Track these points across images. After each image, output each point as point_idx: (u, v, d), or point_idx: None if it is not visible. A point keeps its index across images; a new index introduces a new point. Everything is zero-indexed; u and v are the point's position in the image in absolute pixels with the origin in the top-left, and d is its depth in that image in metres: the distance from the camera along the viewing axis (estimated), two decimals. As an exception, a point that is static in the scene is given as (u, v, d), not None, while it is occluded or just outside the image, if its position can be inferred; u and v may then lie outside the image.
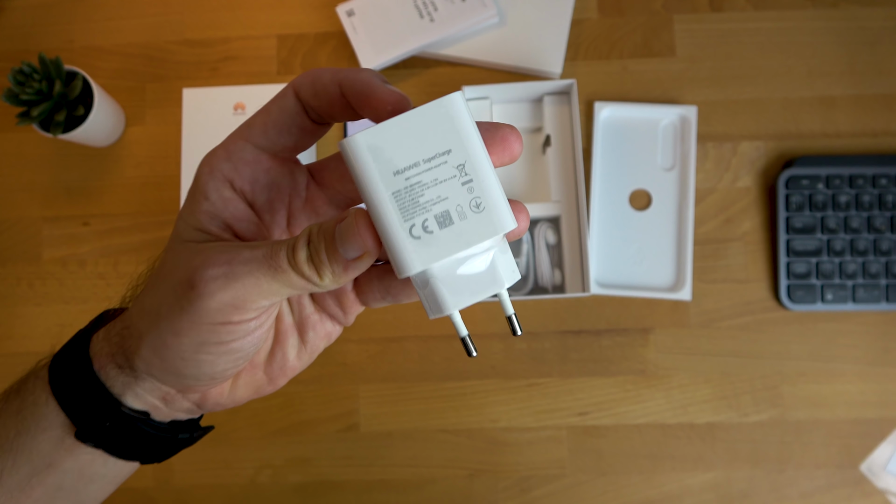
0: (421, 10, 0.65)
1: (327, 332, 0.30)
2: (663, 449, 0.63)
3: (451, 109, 0.21)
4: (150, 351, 0.25)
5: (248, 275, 0.23)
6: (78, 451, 0.28)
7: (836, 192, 0.63)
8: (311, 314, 0.30)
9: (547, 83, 0.62)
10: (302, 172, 0.27)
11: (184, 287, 0.23)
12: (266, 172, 0.26)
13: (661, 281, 0.63)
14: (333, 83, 0.24)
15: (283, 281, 0.23)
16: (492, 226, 0.21)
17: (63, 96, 0.60)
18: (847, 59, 0.66)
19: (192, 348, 0.24)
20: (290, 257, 0.23)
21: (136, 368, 0.26)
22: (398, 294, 0.28)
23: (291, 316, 0.29)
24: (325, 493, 0.63)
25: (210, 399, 0.29)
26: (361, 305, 0.30)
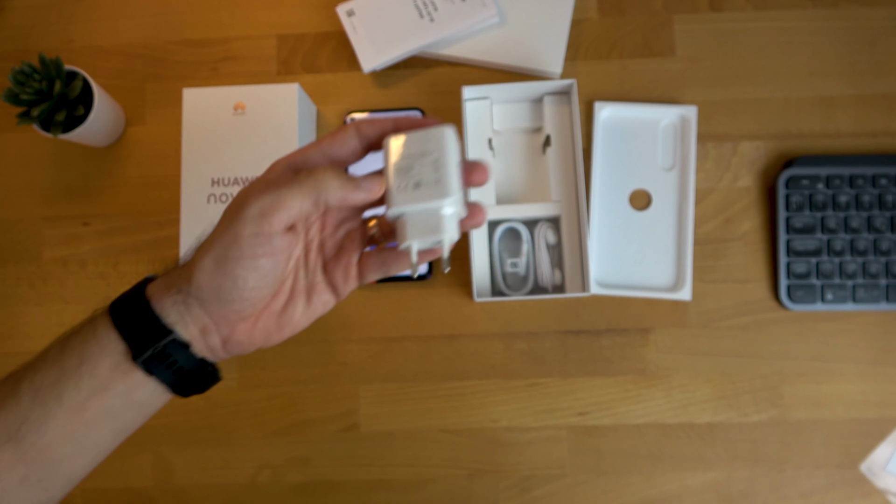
0: (421, 10, 0.65)
1: (326, 301, 0.39)
2: (663, 449, 0.63)
3: (443, 132, 0.36)
4: (204, 274, 0.34)
5: (282, 183, 0.34)
6: (130, 377, 0.35)
7: (836, 192, 0.63)
8: (319, 282, 0.38)
9: (547, 83, 0.62)
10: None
11: (234, 208, 0.34)
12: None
13: (661, 281, 0.63)
14: (393, 128, 0.37)
15: (313, 197, 0.34)
16: (440, 193, 0.35)
17: (63, 96, 0.60)
18: (847, 58, 0.66)
19: (234, 262, 0.33)
20: (320, 176, 0.34)
21: (189, 293, 0.34)
22: (391, 264, 0.39)
23: (305, 279, 0.38)
24: (325, 493, 0.63)
25: (234, 337, 0.37)
26: (358, 281, 0.39)
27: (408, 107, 0.66)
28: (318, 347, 0.64)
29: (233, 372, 0.64)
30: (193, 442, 0.64)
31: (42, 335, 0.65)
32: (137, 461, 0.64)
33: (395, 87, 0.67)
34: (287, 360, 0.64)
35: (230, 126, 0.61)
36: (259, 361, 0.64)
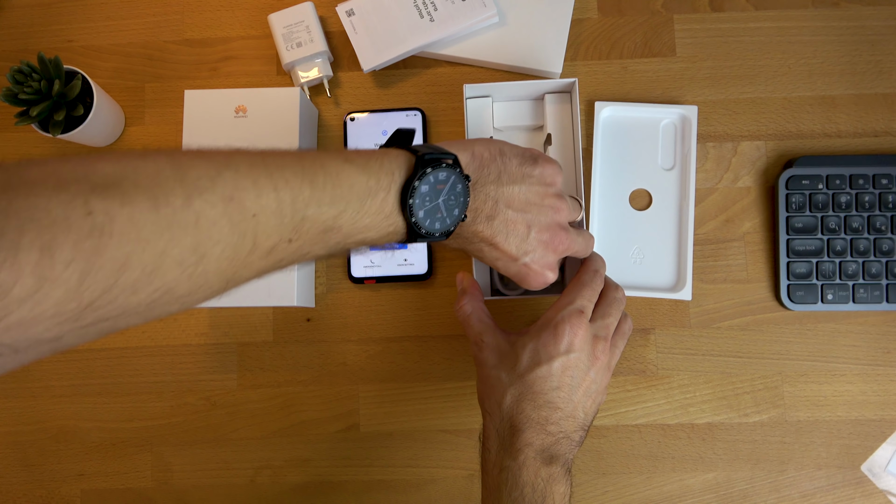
0: (421, 9, 0.64)
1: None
2: (663, 449, 0.63)
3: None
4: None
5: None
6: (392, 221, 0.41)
7: (837, 192, 0.62)
8: None
9: (549, 82, 0.62)
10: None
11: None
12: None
13: (661, 281, 0.63)
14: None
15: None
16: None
17: (62, 96, 0.60)
18: (848, 58, 0.66)
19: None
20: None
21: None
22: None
23: None
24: (325, 493, 0.63)
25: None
26: None
27: (408, 107, 0.66)
28: (317, 348, 0.64)
29: (232, 373, 0.64)
30: (193, 442, 0.64)
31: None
32: (137, 462, 0.64)
33: (394, 87, 0.67)
34: (286, 360, 0.64)
35: (231, 129, 0.61)
36: (259, 362, 0.64)
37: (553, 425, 0.46)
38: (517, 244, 0.45)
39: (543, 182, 0.47)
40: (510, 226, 0.45)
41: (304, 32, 0.65)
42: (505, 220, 0.45)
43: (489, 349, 0.49)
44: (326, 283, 0.65)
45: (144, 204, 0.29)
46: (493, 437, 0.47)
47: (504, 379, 0.47)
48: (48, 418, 0.65)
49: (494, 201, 0.44)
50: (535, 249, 0.46)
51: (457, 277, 0.53)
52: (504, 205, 0.45)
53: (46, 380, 0.65)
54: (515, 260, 0.46)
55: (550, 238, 0.47)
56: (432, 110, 0.66)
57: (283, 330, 0.65)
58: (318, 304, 0.65)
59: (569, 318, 0.47)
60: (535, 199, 0.46)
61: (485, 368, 0.49)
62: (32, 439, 0.65)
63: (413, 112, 0.66)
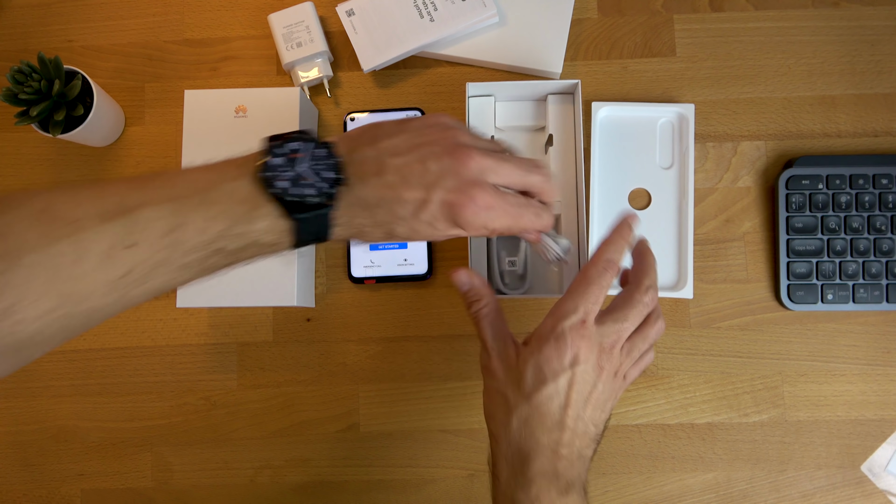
0: (421, 9, 0.64)
1: None
2: (664, 449, 0.63)
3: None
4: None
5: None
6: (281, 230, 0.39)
7: (837, 192, 0.62)
8: None
9: (551, 82, 0.62)
10: None
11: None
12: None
13: (662, 280, 0.63)
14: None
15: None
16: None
17: (62, 96, 0.60)
18: (848, 58, 0.66)
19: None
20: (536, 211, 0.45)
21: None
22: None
23: None
24: (325, 493, 0.63)
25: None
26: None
27: (408, 107, 0.66)
28: (317, 347, 0.64)
29: (232, 373, 0.64)
30: (193, 442, 0.64)
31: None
32: (137, 462, 0.64)
33: (394, 87, 0.67)
34: (286, 360, 0.64)
35: (231, 129, 0.61)
36: (258, 362, 0.64)
37: (565, 447, 0.43)
38: (419, 180, 0.40)
39: (426, 124, 0.42)
40: (404, 170, 0.40)
41: (304, 32, 0.65)
42: (396, 168, 0.40)
43: (498, 358, 0.45)
44: (326, 283, 0.65)
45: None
46: (501, 464, 0.44)
47: (510, 399, 0.43)
48: (48, 418, 0.65)
49: (376, 158, 0.40)
50: (442, 176, 0.40)
51: (456, 275, 0.47)
52: (389, 156, 0.40)
53: (46, 380, 0.65)
54: (427, 200, 0.39)
55: (453, 159, 0.40)
56: (432, 110, 0.66)
57: (283, 330, 0.65)
58: (318, 304, 0.65)
59: (570, 331, 0.43)
60: (422, 139, 0.41)
61: (492, 381, 0.45)
62: (32, 439, 0.65)
63: (413, 112, 0.66)
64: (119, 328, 0.65)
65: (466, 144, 0.41)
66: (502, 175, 0.41)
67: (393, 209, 0.40)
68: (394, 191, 0.39)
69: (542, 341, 0.43)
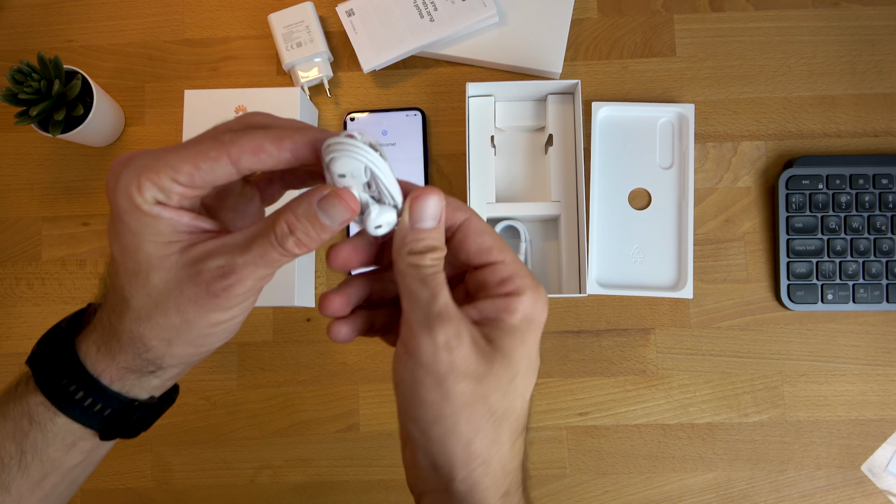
0: (421, 9, 0.64)
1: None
2: (663, 449, 0.63)
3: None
4: (186, 346, 0.30)
5: (251, 274, 0.28)
6: (89, 447, 0.32)
7: (837, 192, 0.62)
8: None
9: (551, 82, 0.62)
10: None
11: (206, 297, 0.28)
12: (193, 195, 0.29)
13: (662, 279, 0.63)
14: (282, 150, 0.28)
15: (277, 266, 0.29)
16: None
17: (62, 96, 0.60)
18: (848, 58, 0.66)
19: (224, 328, 0.30)
20: (279, 250, 0.28)
21: (164, 366, 0.31)
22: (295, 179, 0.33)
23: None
24: (325, 493, 0.63)
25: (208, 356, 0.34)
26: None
27: (408, 107, 0.66)
28: (317, 347, 0.64)
29: (232, 373, 0.64)
30: (193, 442, 0.64)
31: (41, 335, 0.65)
32: (137, 462, 0.64)
33: (394, 87, 0.67)
34: (287, 360, 0.64)
35: (230, 126, 0.61)
36: (258, 362, 0.64)
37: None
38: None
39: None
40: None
41: (304, 32, 0.65)
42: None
43: (473, 344, 0.28)
44: (326, 283, 0.65)
45: None
46: (492, 496, 0.30)
47: (497, 405, 0.29)
48: (48, 418, 0.65)
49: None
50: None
51: (427, 197, 0.28)
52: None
53: (46, 380, 0.65)
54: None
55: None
56: (432, 110, 0.66)
57: (283, 330, 0.65)
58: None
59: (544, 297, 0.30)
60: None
61: (460, 381, 0.28)
62: (32, 439, 0.65)
63: (413, 112, 0.66)
64: (119, 328, 0.65)
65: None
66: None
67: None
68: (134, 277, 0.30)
69: (531, 306, 0.29)
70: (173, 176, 0.27)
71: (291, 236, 0.27)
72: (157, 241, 0.28)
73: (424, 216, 0.28)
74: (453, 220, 0.29)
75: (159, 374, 0.31)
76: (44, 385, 0.30)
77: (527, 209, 0.62)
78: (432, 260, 0.28)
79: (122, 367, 0.30)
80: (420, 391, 0.28)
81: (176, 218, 0.28)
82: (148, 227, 0.27)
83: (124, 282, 0.29)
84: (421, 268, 0.28)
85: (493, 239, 0.30)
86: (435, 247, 0.28)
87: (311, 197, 0.27)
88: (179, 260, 0.28)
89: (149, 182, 0.27)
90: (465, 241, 0.30)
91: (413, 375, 0.28)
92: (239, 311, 0.30)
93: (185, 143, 0.28)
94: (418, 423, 0.28)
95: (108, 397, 0.30)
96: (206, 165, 0.27)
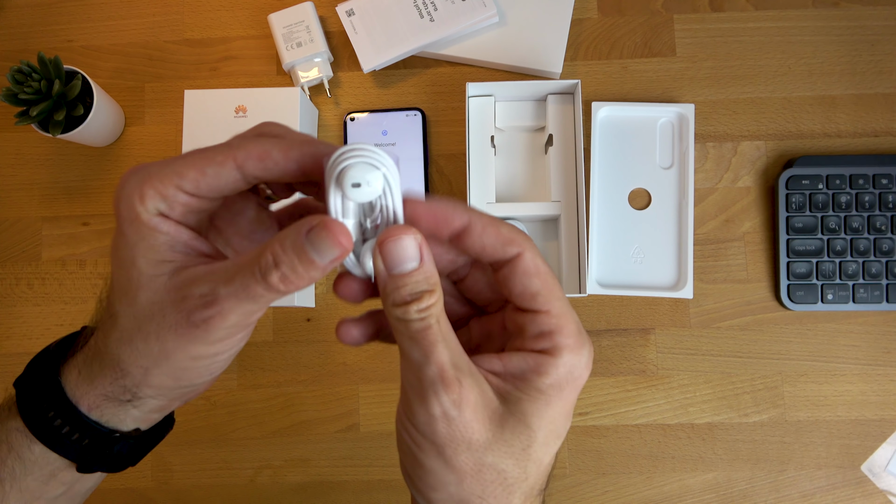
0: (421, 9, 0.64)
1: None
2: (663, 449, 0.63)
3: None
4: (164, 377, 0.28)
5: (235, 308, 0.25)
6: (69, 479, 0.30)
7: (837, 192, 0.62)
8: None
9: (551, 82, 0.62)
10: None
11: (186, 326, 0.26)
12: (198, 206, 0.27)
13: (662, 279, 0.63)
14: (287, 160, 0.26)
15: (263, 302, 0.26)
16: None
17: (62, 96, 0.60)
18: (848, 58, 0.66)
19: (207, 361, 0.28)
20: (262, 284, 0.25)
21: (142, 396, 0.28)
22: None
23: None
24: (325, 493, 0.63)
25: (198, 393, 0.31)
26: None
27: (408, 107, 0.66)
28: (317, 347, 0.64)
29: (232, 373, 0.64)
30: (193, 442, 0.64)
31: (40, 335, 0.65)
32: (137, 462, 0.64)
33: (394, 87, 0.67)
34: (287, 360, 0.64)
35: (231, 128, 0.61)
36: (258, 362, 0.64)
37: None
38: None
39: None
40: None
41: (304, 32, 0.65)
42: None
43: (478, 406, 0.25)
44: (326, 283, 0.65)
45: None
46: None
47: (509, 472, 0.26)
48: (48, 418, 0.65)
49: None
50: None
51: (398, 240, 0.25)
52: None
53: (46, 380, 0.65)
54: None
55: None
56: (432, 110, 0.66)
57: (283, 330, 0.65)
58: (318, 304, 0.65)
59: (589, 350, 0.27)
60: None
61: (460, 448, 0.25)
62: (32, 439, 0.65)
63: (413, 112, 0.66)
64: (119, 328, 0.65)
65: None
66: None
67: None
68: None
69: (566, 370, 0.26)
70: (178, 183, 0.26)
71: (276, 270, 0.24)
72: (151, 257, 0.26)
73: (400, 259, 0.25)
74: (503, 253, 0.26)
75: (137, 405, 0.29)
76: (23, 410, 0.29)
77: (527, 209, 0.62)
78: (420, 312, 0.24)
79: (99, 394, 0.28)
80: (420, 456, 0.26)
81: (174, 233, 0.26)
82: (144, 241, 0.26)
83: (115, 298, 0.27)
84: (409, 323, 0.24)
85: (542, 283, 0.26)
86: (421, 292, 0.24)
87: (301, 226, 0.24)
88: (168, 282, 0.26)
89: (152, 190, 0.26)
90: (511, 279, 0.26)
91: (412, 439, 0.26)
92: (224, 348, 0.27)
93: (193, 151, 0.27)
94: (419, 487, 0.27)
95: (86, 426, 0.28)
96: (211, 170, 0.26)
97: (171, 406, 0.30)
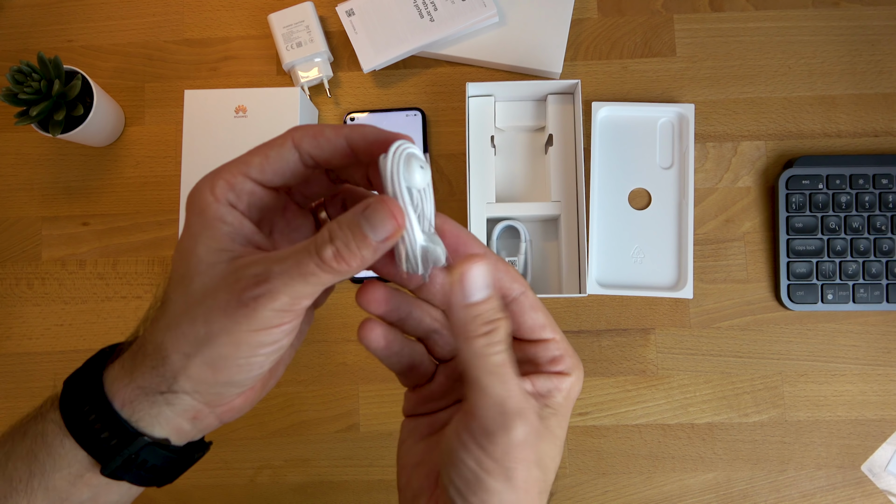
0: (421, 9, 0.64)
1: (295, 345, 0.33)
2: (663, 449, 0.63)
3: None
4: (204, 367, 0.28)
5: (285, 287, 0.26)
6: (94, 483, 0.29)
7: (837, 192, 0.62)
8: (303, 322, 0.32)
9: (551, 82, 0.62)
10: (282, 194, 0.31)
11: (235, 306, 0.26)
12: (261, 199, 0.29)
13: (662, 279, 0.63)
14: (338, 136, 0.28)
15: (314, 283, 0.26)
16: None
17: (62, 96, 0.60)
18: (848, 58, 0.66)
19: (249, 352, 0.27)
20: (317, 261, 0.26)
21: (178, 390, 0.28)
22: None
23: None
24: (325, 493, 0.63)
25: (234, 409, 0.31)
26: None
27: (408, 107, 0.66)
28: (317, 347, 0.64)
29: (232, 372, 0.64)
30: (193, 442, 0.64)
31: (41, 335, 0.65)
32: (137, 462, 0.64)
33: (394, 87, 0.67)
34: (287, 360, 0.64)
35: (231, 128, 0.61)
36: (259, 362, 0.64)
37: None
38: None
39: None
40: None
41: (304, 32, 0.65)
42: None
43: (549, 435, 0.29)
44: (326, 283, 0.65)
45: None
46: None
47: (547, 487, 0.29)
48: (48, 418, 0.65)
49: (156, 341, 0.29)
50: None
51: (474, 270, 0.27)
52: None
53: (46, 380, 0.65)
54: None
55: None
56: (432, 110, 0.66)
57: (283, 330, 0.64)
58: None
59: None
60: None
61: (537, 472, 0.28)
62: (32, 439, 0.65)
63: (413, 112, 0.66)
64: (119, 328, 0.65)
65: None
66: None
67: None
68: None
69: (575, 386, 0.30)
70: (245, 171, 0.28)
71: (330, 245, 0.25)
72: (212, 246, 0.27)
73: (477, 287, 0.26)
74: (509, 291, 0.29)
75: (171, 401, 0.28)
76: (63, 403, 0.29)
77: (527, 209, 0.62)
78: (498, 345, 0.26)
79: (136, 387, 0.28)
80: (486, 479, 0.27)
81: (237, 225, 0.28)
82: (207, 230, 0.27)
83: (170, 288, 0.28)
84: (488, 357, 0.26)
85: (545, 315, 0.30)
86: (496, 319, 0.26)
87: (359, 206, 0.26)
88: (226, 269, 0.27)
89: (222, 181, 0.28)
90: (521, 315, 0.29)
91: (480, 464, 0.26)
92: (266, 339, 0.27)
93: (257, 146, 0.30)
94: (472, 502, 0.27)
95: (115, 424, 0.28)
96: (273, 152, 0.28)
97: (203, 415, 0.29)
